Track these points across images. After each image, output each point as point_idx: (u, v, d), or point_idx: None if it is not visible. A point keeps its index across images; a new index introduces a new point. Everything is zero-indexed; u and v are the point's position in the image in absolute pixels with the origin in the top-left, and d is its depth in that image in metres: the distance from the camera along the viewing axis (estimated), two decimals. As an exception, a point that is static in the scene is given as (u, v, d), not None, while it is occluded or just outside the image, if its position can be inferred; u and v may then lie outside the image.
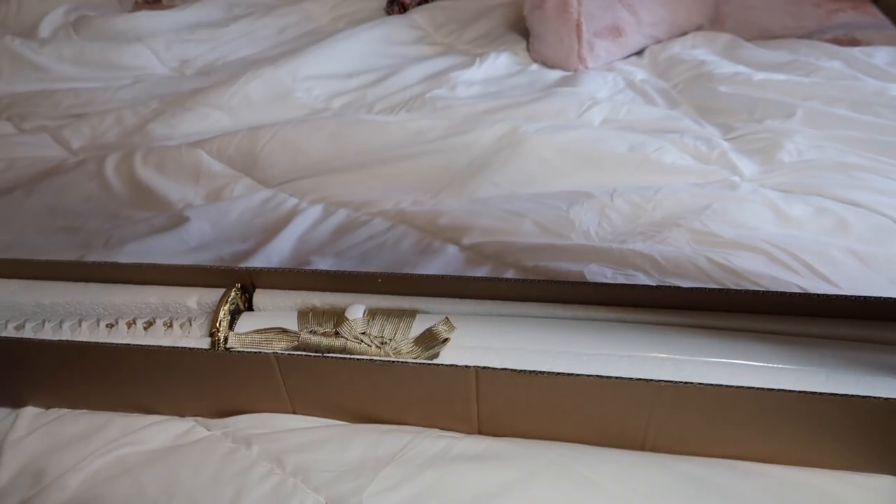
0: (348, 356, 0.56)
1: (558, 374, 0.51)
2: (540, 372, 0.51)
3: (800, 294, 0.59)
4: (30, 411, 0.65)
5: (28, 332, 0.64)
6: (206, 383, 0.60)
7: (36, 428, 0.63)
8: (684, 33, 1.40)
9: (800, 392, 0.48)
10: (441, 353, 0.58)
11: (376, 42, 1.44)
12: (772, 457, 0.54)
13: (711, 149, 0.96)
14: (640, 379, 0.50)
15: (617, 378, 0.50)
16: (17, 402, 0.65)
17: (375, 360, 0.55)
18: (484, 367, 0.52)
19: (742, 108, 1.08)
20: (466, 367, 0.52)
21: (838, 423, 0.50)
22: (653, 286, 0.60)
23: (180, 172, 0.98)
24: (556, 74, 1.29)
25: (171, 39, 1.50)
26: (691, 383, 0.49)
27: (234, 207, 0.92)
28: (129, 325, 0.65)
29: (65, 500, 0.57)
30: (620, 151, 0.94)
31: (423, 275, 0.64)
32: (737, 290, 0.59)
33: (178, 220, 0.87)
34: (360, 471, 0.54)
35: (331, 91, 1.27)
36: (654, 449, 0.56)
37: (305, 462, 0.55)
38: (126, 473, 0.57)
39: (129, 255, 0.80)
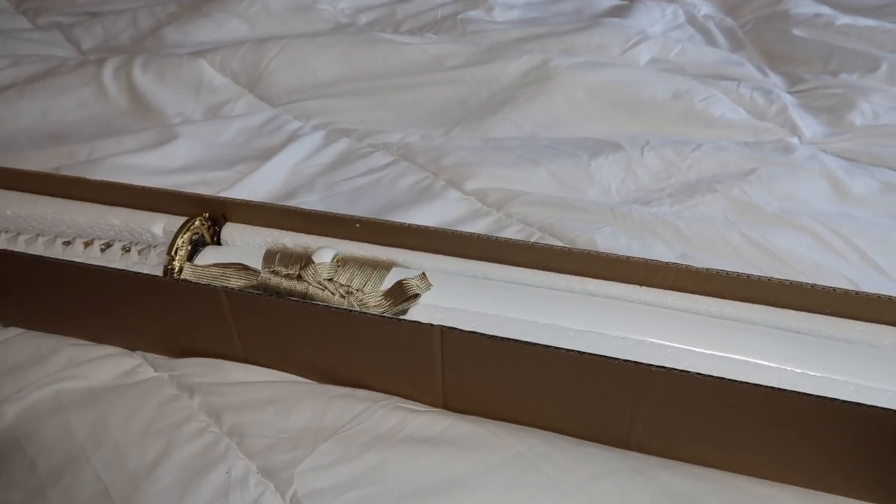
0: (307, 302, 0.50)
1: (532, 344, 0.44)
2: (512, 340, 0.44)
3: (841, 291, 0.49)
4: (-15, 330, 0.61)
5: (-16, 242, 0.61)
6: (155, 315, 0.55)
7: (-16, 350, 0.60)
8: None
9: (820, 397, 0.40)
10: (410, 311, 0.51)
11: (419, -49, 1.31)
12: (777, 475, 0.46)
13: (770, 102, 0.83)
14: (628, 360, 0.42)
15: (599, 356, 0.43)
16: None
17: (332, 308, 0.49)
18: (450, 328, 0.45)
19: (816, 57, 0.93)
20: (430, 325, 0.46)
21: (864, 440, 0.41)
22: (663, 263, 0.51)
23: (180, 84, 0.91)
24: (609, 2, 1.15)
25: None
26: (687, 372, 0.42)
27: (230, 127, 0.85)
28: (85, 244, 0.61)
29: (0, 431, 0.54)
30: (662, 98, 0.82)
31: (405, 224, 0.56)
32: (762, 279, 0.50)
33: (166, 136, 0.81)
34: (299, 441, 0.48)
35: (358, 5, 1.16)
36: (640, 449, 0.48)
37: (245, 423, 0.50)
38: (60, 411, 0.53)
39: (107, 170, 0.74)
